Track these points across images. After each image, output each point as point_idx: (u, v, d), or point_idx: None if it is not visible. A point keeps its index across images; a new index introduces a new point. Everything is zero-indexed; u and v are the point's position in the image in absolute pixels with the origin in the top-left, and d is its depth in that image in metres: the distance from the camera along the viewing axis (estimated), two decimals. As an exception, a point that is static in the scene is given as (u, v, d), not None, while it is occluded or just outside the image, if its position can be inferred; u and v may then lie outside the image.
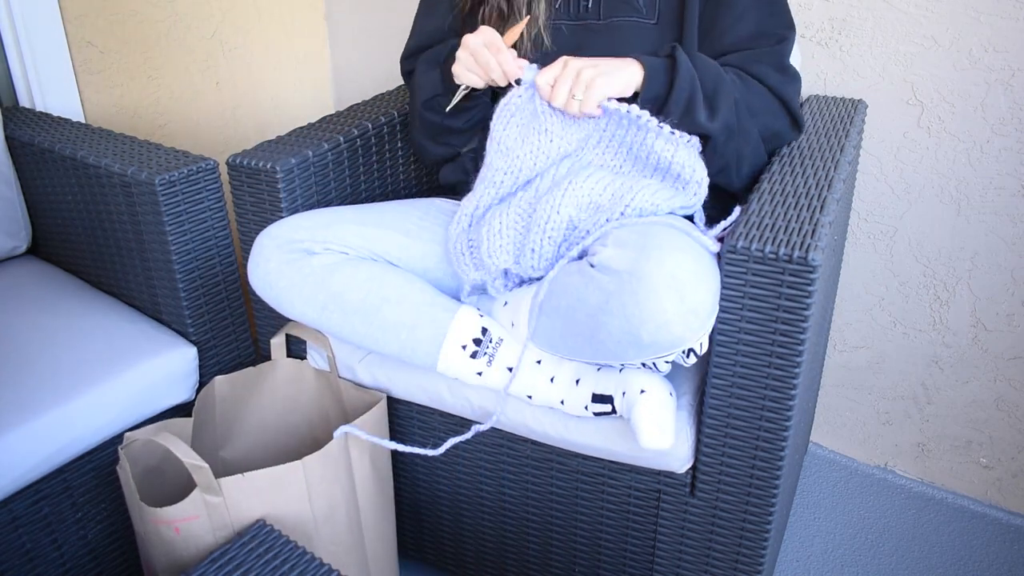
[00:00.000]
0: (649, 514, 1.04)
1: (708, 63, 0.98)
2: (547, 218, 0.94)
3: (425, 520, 1.24)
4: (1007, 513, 1.44)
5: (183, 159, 1.17)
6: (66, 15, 1.46)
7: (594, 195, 0.94)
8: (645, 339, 0.82)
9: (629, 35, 1.06)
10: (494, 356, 0.99)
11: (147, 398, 1.13)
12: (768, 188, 0.96)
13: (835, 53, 1.33)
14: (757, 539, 0.98)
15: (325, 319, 1.02)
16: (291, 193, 1.13)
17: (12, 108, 1.45)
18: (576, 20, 1.08)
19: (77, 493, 1.11)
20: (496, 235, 0.99)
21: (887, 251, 1.40)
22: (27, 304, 1.23)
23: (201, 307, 1.21)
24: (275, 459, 1.20)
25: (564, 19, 1.09)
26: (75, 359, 1.11)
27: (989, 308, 1.34)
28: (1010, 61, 1.20)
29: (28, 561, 1.07)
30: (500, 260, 0.99)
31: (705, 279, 0.83)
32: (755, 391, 0.89)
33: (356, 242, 1.04)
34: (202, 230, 1.18)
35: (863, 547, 1.38)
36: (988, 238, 1.31)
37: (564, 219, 0.94)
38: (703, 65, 0.97)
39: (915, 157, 1.32)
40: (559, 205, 0.94)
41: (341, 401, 1.16)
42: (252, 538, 0.90)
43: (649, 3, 1.06)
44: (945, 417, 1.45)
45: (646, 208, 0.92)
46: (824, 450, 1.60)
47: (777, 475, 0.92)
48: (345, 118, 1.27)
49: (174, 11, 1.62)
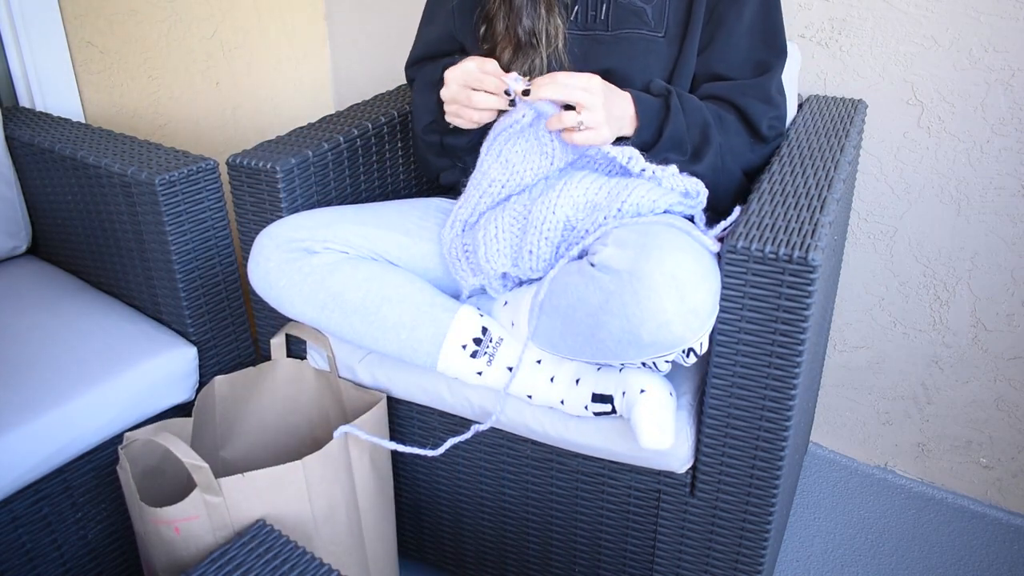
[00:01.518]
0: (649, 514, 1.04)
1: (695, 107, 1.00)
2: (543, 219, 0.94)
3: (425, 520, 1.24)
4: (1007, 513, 1.44)
5: (183, 159, 1.17)
6: (66, 15, 1.46)
7: (590, 194, 0.94)
8: (645, 338, 0.82)
9: (636, 48, 1.06)
10: (494, 356, 0.99)
11: (147, 398, 1.13)
12: (768, 188, 0.96)
13: (835, 53, 1.33)
14: (757, 539, 0.98)
15: (325, 318, 1.02)
16: (291, 193, 1.13)
17: (12, 108, 1.45)
18: (584, 31, 1.08)
19: (77, 493, 1.11)
20: (492, 239, 0.99)
21: (887, 251, 1.40)
22: (27, 304, 1.23)
23: (201, 307, 1.21)
24: (275, 459, 1.20)
25: (572, 29, 1.08)
26: (75, 359, 1.11)
27: (989, 308, 1.35)
28: (1010, 61, 1.20)
29: (28, 561, 1.07)
30: (498, 264, 0.99)
31: (705, 279, 0.83)
32: (755, 391, 0.89)
33: (356, 241, 1.04)
34: (202, 230, 1.18)
35: (863, 547, 1.38)
36: (988, 238, 1.31)
37: (560, 219, 0.94)
38: (691, 110, 1.00)
39: (915, 157, 1.32)
40: (555, 206, 0.94)
41: (341, 401, 1.16)
42: (252, 538, 0.90)
43: (657, 17, 1.06)
44: (945, 417, 1.45)
45: (643, 205, 0.92)
46: (824, 450, 1.60)
47: (777, 475, 0.92)
48: (345, 118, 1.27)
49: (174, 11, 1.62)
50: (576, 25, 1.08)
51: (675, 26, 1.06)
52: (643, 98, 0.99)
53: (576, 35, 1.08)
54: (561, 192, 0.94)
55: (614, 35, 1.07)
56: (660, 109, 0.99)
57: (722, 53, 1.05)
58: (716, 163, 1.01)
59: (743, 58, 1.05)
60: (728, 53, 1.05)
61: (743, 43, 1.04)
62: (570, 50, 1.08)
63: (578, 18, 1.08)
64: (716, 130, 1.01)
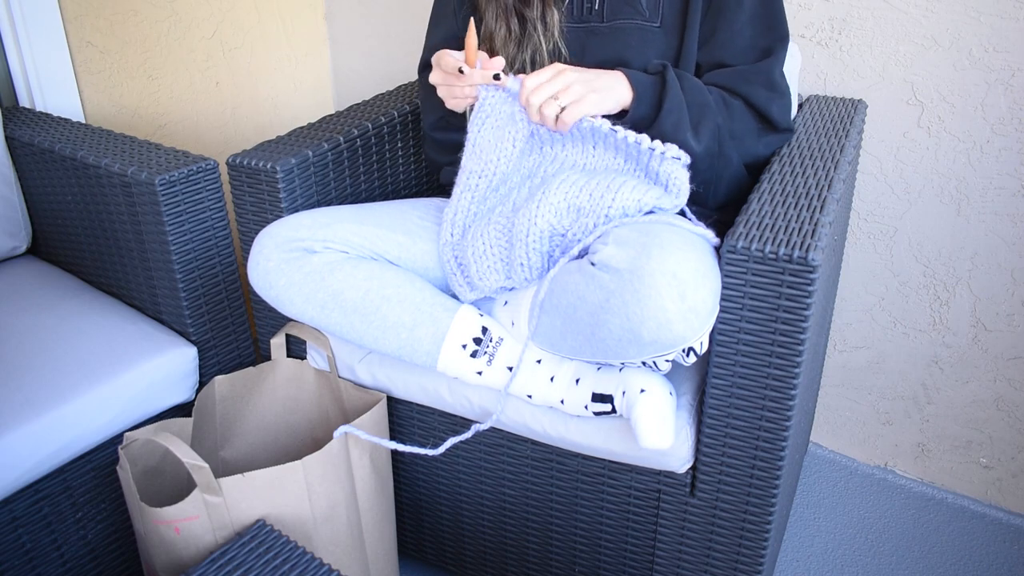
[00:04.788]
0: (649, 514, 1.04)
1: (695, 85, 0.99)
2: (526, 231, 0.94)
3: (425, 520, 1.24)
4: (1007, 513, 1.44)
5: (183, 159, 1.17)
6: (66, 15, 1.46)
7: (570, 198, 0.93)
8: (646, 337, 0.82)
9: (632, 38, 1.06)
10: (494, 355, 0.99)
11: (147, 398, 1.13)
12: (768, 188, 0.96)
13: (835, 53, 1.33)
14: (757, 539, 0.98)
15: (325, 318, 1.02)
16: (291, 193, 1.13)
17: (12, 108, 1.45)
18: (580, 23, 1.08)
19: (77, 493, 1.11)
20: (482, 256, 0.99)
21: (887, 251, 1.40)
22: (27, 304, 1.23)
23: (201, 307, 1.21)
24: (275, 459, 1.20)
25: (568, 21, 1.08)
26: (75, 359, 1.11)
27: (989, 308, 1.35)
28: (1010, 61, 1.20)
29: (28, 561, 1.07)
30: (491, 280, 1.00)
31: (706, 278, 0.83)
32: (755, 391, 0.89)
33: (356, 241, 1.04)
34: (202, 230, 1.18)
35: (863, 547, 1.38)
36: (988, 238, 1.31)
37: (544, 228, 0.93)
38: (690, 88, 0.98)
39: (915, 157, 1.32)
40: (535, 216, 0.93)
41: (341, 401, 1.16)
42: (252, 538, 0.90)
43: (653, 7, 1.06)
44: (945, 417, 1.45)
45: (630, 206, 0.91)
46: (824, 450, 1.60)
47: (777, 475, 0.92)
48: (345, 118, 1.27)
49: (174, 11, 1.62)
50: (572, 17, 1.08)
51: (672, 16, 1.05)
52: (635, 73, 0.98)
53: (572, 27, 1.08)
54: (540, 202, 0.94)
55: (610, 26, 1.07)
56: (656, 83, 0.98)
57: (725, 42, 1.04)
58: (713, 147, 1.00)
59: (746, 45, 1.04)
60: (731, 42, 1.04)
61: (746, 31, 1.04)
62: (568, 43, 1.08)
63: (573, 10, 1.08)
64: (718, 112, 0.99)
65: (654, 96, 0.97)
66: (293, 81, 1.88)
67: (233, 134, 1.80)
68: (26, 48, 1.42)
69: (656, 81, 0.98)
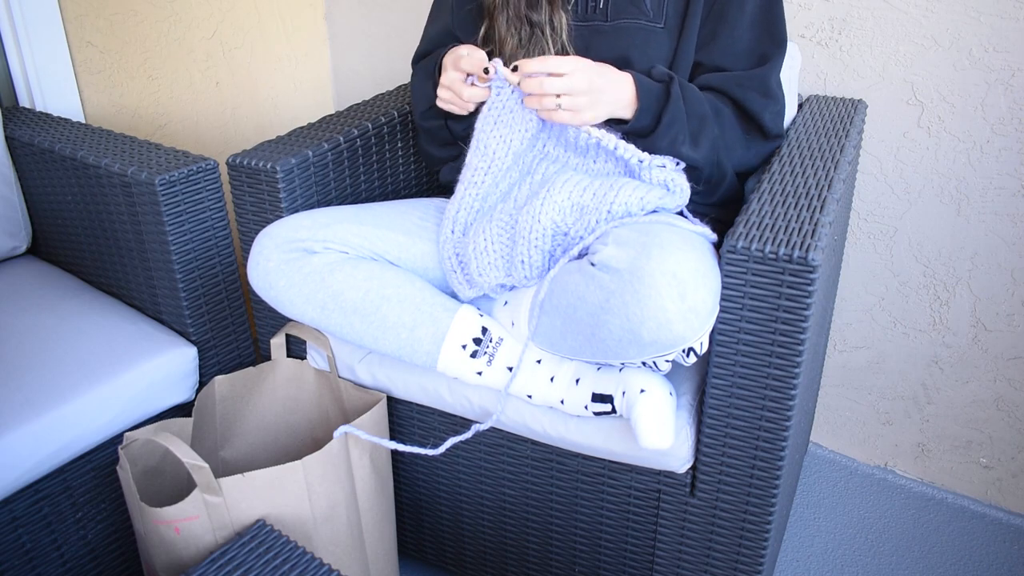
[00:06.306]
0: (649, 514, 1.04)
1: (696, 97, 1.00)
2: (529, 228, 0.94)
3: (425, 520, 1.24)
4: (1007, 513, 1.44)
5: (183, 159, 1.17)
6: (66, 15, 1.46)
7: (574, 197, 0.94)
8: (646, 337, 0.82)
9: (636, 38, 1.06)
10: (494, 356, 0.99)
11: (147, 398, 1.13)
12: (768, 188, 0.96)
13: (835, 53, 1.33)
14: (757, 539, 0.98)
15: (325, 318, 1.02)
16: (291, 193, 1.13)
17: (12, 108, 1.45)
18: (584, 21, 1.08)
19: (77, 493, 1.11)
20: (483, 252, 0.99)
21: (887, 251, 1.40)
22: (27, 304, 1.23)
23: (201, 307, 1.21)
24: (275, 459, 1.20)
25: (572, 21, 1.08)
26: (75, 359, 1.11)
27: (989, 308, 1.35)
28: (1010, 61, 1.20)
29: (28, 561, 1.07)
30: (491, 277, 1.00)
31: (706, 278, 0.83)
32: (755, 391, 0.89)
33: (356, 241, 1.04)
34: (202, 230, 1.18)
35: (863, 547, 1.38)
36: (988, 238, 1.31)
37: (547, 226, 0.94)
38: (691, 99, 0.99)
39: (915, 157, 1.32)
40: (539, 214, 0.94)
41: (341, 401, 1.16)
42: (252, 538, 0.90)
43: (657, 7, 1.06)
44: (945, 417, 1.45)
45: (632, 204, 0.92)
46: (824, 450, 1.60)
47: (777, 475, 0.92)
48: (345, 118, 1.27)
49: (174, 11, 1.62)
50: (576, 16, 1.08)
51: (674, 16, 1.06)
52: (645, 82, 0.99)
53: (576, 26, 1.08)
54: (545, 199, 0.94)
55: (614, 25, 1.07)
56: (661, 95, 0.99)
57: (725, 46, 1.04)
58: (712, 157, 1.01)
59: (745, 50, 1.05)
60: (731, 46, 1.04)
61: (746, 36, 1.04)
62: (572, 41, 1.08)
63: (577, 9, 1.08)
64: (714, 123, 1.01)
65: (656, 105, 0.98)
66: (293, 81, 1.88)
67: (233, 134, 1.80)
68: (26, 48, 1.42)
69: (661, 94, 0.99)
